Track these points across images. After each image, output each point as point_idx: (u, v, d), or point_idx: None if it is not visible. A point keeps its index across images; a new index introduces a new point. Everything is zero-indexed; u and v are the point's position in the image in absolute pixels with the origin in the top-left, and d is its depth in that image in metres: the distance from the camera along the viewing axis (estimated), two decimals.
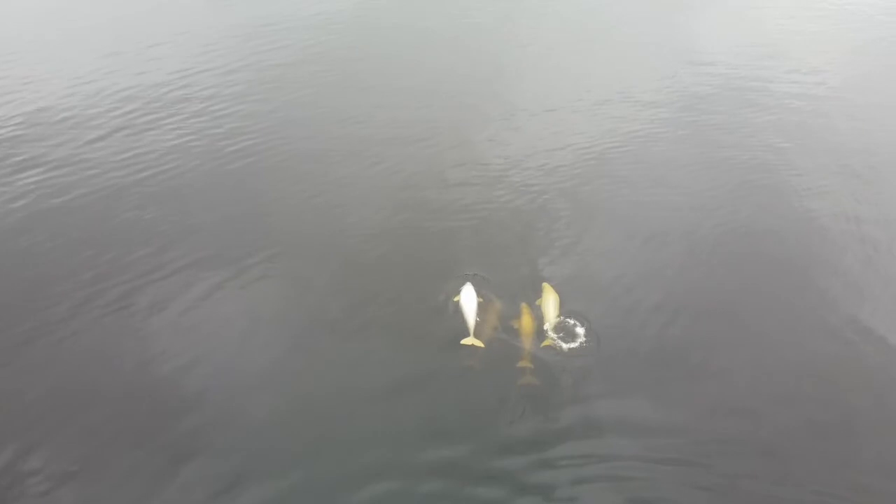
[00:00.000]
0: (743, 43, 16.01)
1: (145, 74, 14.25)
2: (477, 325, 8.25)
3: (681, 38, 16.26)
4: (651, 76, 14.33)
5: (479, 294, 8.56)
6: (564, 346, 8.05)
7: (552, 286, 8.80)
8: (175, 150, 11.83)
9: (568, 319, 8.35)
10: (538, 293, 8.74)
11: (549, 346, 8.09)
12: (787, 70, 14.74)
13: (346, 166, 11.48)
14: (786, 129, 12.61)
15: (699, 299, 8.93)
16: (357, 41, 15.99)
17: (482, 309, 8.44)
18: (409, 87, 13.94)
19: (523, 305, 8.61)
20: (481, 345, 8.07)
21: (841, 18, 17.43)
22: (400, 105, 13.29)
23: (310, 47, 15.57)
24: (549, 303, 8.56)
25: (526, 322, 8.35)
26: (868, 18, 17.50)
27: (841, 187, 11.03)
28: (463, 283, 8.70)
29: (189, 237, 9.83)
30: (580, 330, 8.23)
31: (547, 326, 8.32)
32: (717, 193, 10.89)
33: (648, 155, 11.80)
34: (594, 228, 10.08)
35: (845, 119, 12.96)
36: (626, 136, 12.25)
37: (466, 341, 8.10)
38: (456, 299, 8.55)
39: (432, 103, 13.34)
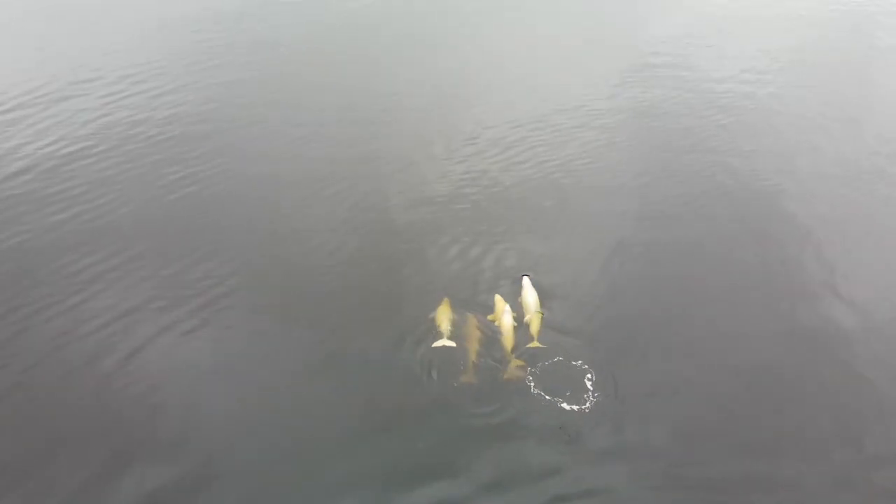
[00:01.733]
0: (693, 44, 16.25)
1: (69, 100, 13.25)
2: (457, 337, 7.93)
3: (630, 41, 16.40)
4: (603, 83, 14.35)
5: (455, 309, 8.26)
6: (556, 400, 7.40)
7: (531, 280, 8.64)
8: (108, 181, 10.95)
9: (563, 360, 7.80)
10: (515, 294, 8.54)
11: (535, 348, 7.78)
12: (740, 70, 14.93)
13: (297, 190, 10.91)
14: (740, 130, 12.76)
15: (666, 303, 8.89)
16: (298, 60, 15.43)
17: (461, 323, 8.13)
18: (358, 102, 13.51)
19: (497, 297, 8.41)
20: (453, 344, 7.78)
21: (791, 17, 17.94)
22: (349, 121, 12.84)
23: (249, 64, 14.89)
24: (529, 297, 8.33)
25: (502, 316, 8.08)
26: (818, 16, 18.08)
27: (796, 186, 11.17)
28: (440, 301, 8.41)
29: (129, 276, 9.02)
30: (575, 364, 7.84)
31: (528, 321, 8.05)
32: (678, 200, 10.86)
33: (607, 164, 11.73)
34: (560, 240, 9.89)
35: (799, 118, 13.19)
36: (584, 147, 12.13)
37: (438, 344, 7.79)
38: (431, 315, 8.21)
39: (383, 119, 12.95)
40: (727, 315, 8.69)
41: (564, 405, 7.24)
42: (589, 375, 7.51)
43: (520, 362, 7.67)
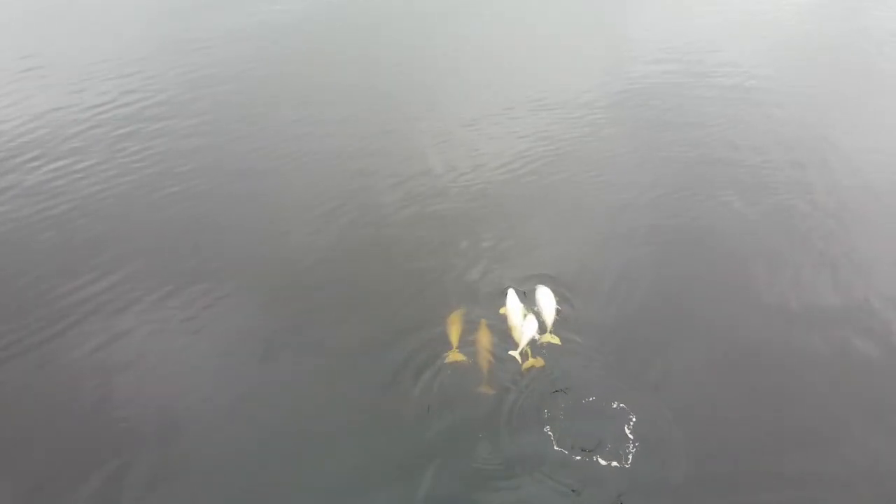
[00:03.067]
0: (683, 38, 16.19)
1: (63, 101, 13.07)
2: (470, 346, 7.74)
3: (620, 35, 16.31)
4: (608, 85, 14.09)
5: (466, 317, 8.08)
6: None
7: (544, 291, 8.41)
8: (100, 183, 10.78)
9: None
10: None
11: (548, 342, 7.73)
12: (729, 63, 14.86)
13: (297, 190, 10.72)
14: (749, 128, 12.55)
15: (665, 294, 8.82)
16: (297, 60, 15.30)
17: (473, 330, 7.93)
18: (359, 102, 13.31)
19: (510, 292, 8.30)
20: (464, 358, 7.57)
21: (779, 10, 17.87)
22: (350, 121, 12.61)
23: (237, 64, 14.75)
24: (544, 302, 8.16)
25: (515, 312, 7.99)
26: (807, 9, 18.02)
27: (785, 179, 11.01)
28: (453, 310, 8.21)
29: (118, 284, 8.82)
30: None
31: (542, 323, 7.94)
32: (674, 192, 10.76)
33: (598, 157, 11.58)
34: (566, 246, 9.65)
35: (788, 112, 13.04)
36: (574, 140, 11.99)
37: (450, 359, 7.58)
38: (444, 318, 8.02)
39: (384, 119, 12.71)
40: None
41: (601, 461, 6.70)
42: (632, 417, 7.00)
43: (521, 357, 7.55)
